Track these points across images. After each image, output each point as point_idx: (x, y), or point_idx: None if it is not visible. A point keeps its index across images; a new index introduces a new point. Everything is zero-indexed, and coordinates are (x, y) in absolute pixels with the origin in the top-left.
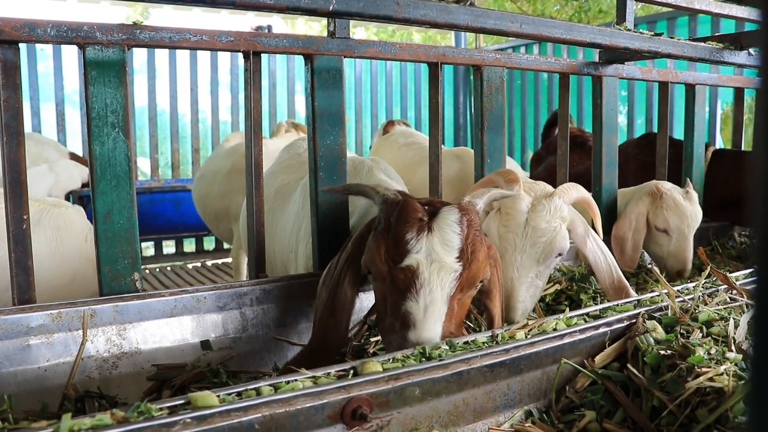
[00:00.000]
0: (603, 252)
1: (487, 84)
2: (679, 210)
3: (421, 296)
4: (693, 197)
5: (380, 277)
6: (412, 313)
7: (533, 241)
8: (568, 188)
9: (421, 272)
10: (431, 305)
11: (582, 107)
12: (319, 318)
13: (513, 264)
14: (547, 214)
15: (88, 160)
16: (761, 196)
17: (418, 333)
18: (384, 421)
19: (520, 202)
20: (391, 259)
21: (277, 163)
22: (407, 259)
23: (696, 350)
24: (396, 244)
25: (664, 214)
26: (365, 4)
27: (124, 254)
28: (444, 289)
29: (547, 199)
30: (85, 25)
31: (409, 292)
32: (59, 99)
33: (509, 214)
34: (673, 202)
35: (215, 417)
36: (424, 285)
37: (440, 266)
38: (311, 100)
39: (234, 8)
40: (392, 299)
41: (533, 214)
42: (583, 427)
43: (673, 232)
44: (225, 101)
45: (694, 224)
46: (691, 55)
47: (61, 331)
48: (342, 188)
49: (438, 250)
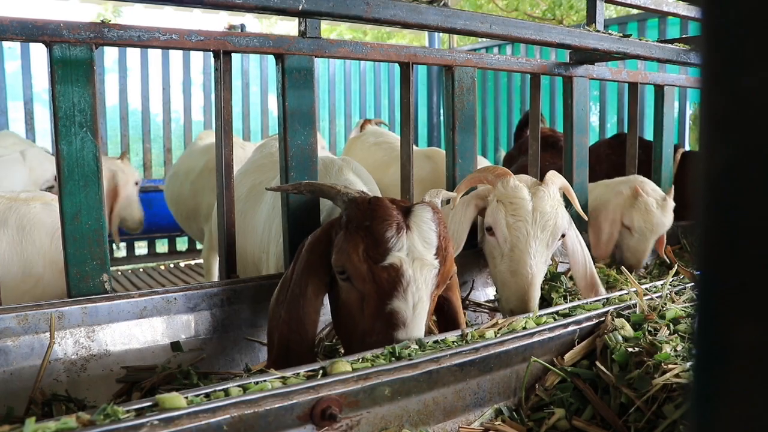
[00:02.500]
0: (581, 244)
1: (458, 84)
2: (648, 216)
3: (409, 295)
4: (667, 206)
5: (358, 277)
6: (400, 313)
7: (543, 225)
8: (555, 175)
9: (405, 270)
10: (419, 303)
11: (555, 107)
12: (279, 337)
13: (528, 252)
14: (549, 198)
15: (55, 160)
16: (704, 194)
17: (408, 332)
18: (354, 421)
19: (522, 190)
20: (371, 258)
21: (250, 162)
22: (390, 257)
23: (663, 347)
24: (376, 243)
25: (633, 213)
26: (335, 3)
27: (92, 255)
28: (428, 286)
29: (543, 185)
30: (51, 22)
31: (395, 290)
32: (28, 98)
33: (515, 203)
34: (645, 207)
35: (183, 419)
36: (411, 283)
37: (422, 264)
38: (282, 100)
39: (203, 7)
40: (374, 299)
41: (537, 199)
42: (552, 424)
43: (636, 232)
44: (198, 101)
45: (658, 231)
46: (659, 57)
47: (28, 334)
48: (292, 187)
49: (419, 248)
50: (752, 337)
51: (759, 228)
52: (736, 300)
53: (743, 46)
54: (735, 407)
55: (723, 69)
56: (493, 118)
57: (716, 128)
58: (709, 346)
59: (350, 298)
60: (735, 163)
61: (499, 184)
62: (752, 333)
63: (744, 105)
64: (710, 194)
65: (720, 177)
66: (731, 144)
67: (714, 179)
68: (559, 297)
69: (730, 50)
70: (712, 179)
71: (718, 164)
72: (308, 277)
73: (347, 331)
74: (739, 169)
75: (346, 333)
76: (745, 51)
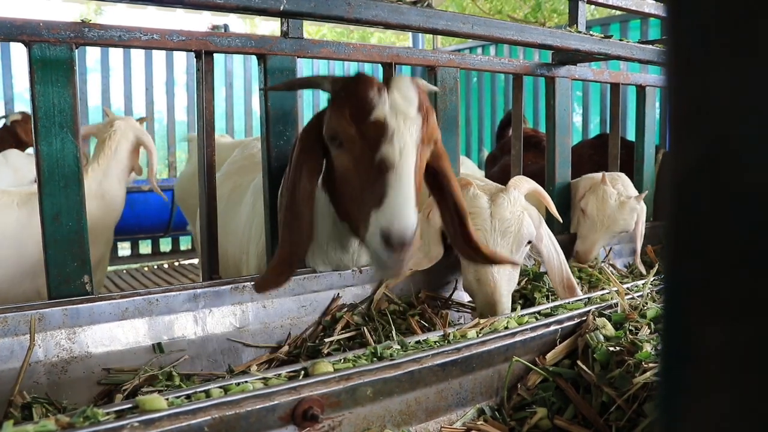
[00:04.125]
0: (556, 250)
1: (440, 84)
2: (602, 205)
3: (395, 141)
4: (627, 205)
5: (348, 138)
6: (388, 157)
7: (502, 232)
8: (519, 180)
9: (390, 122)
10: (405, 148)
11: (538, 108)
12: (283, 228)
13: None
14: (509, 204)
15: (35, 161)
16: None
17: (398, 174)
18: (336, 422)
19: (480, 199)
20: (357, 118)
21: (230, 163)
22: (374, 113)
23: (644, 346)
24: (360, 104)
25: (589, 198)
26: (316, 4)
27: (73, 257)
28: (412, 137)
29: (504, 192)
30: (31, 22)
31: (382, 139)
32: (8, 98)
33: (473, 212)
34: (603, 196)
35: (163, 420)
36: (395, 132)
37: (405, 116)
38: (265, 101)
39: (184, 7)
40: (365, 154)
41: (495, 207)
42: (534, 423)
43: (588, 218)
44: (181, 101)
45: (609, 225)
46: (640, 57)
47: (7, 336)
48: (284, 84)
49: (400, 104)
50: (718, 336)
51: (725, 228)
52: (702, 300)
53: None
54: (701, 407)
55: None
56: (477, 119)
57: (682, 129)
58: (675, 346)
59: (344, 164)
60: (700, 163)
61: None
62: (718, 333)
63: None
64: (677, 194)
65: (685, 177)
66: (696, 144)
67: (680, 179)
68: (541, 297)
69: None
70: (678, 179)
71: (684, 164)
72: (303, 160)
73: (348, 201)
74: (703, 169)
75: (348, 205)
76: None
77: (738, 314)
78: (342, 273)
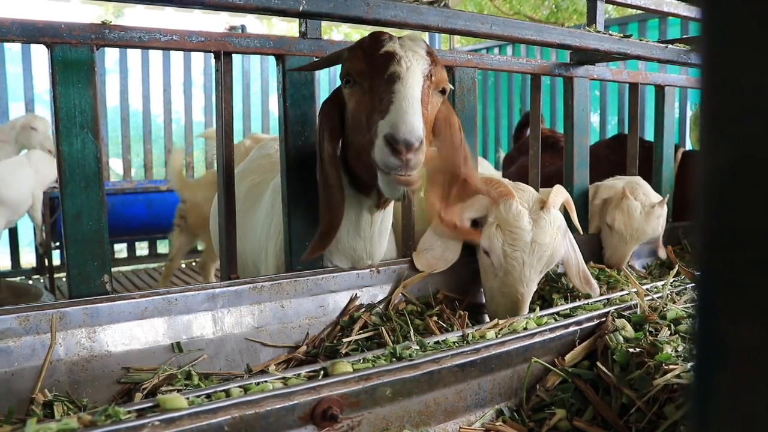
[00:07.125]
0: (574, 249)
1: (459, 85)
2: (629, 220)
3: (403, 62)
4: (653, 213)
5: (360, 73)
6: (395, 72)
7: (539, 256)
8: (557, 195)
9: (398, 53)
10: (411, 67)
11: (555, 108)
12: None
13: (522, 280)
14: (549, 227)
15: (56, 161)
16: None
17: (403, 83)
18: (355, 422)
19: (522, 219)
20: (369, 54)
21: (248, 161)
22: (384, 48)
23: (664, 348)
24: (372, 44)
25: (615, 213)
26: (335, 4)
27: (93, 256)
28: (419, 65)
29: (545, 212)
30: (52, 24)
31: (390, 63)
32: (29, 98)
33: (514, 233)
34: (628, 209)
35: (184, 419)
36: (403, 57)
37: (413, 52)
38: (283, 101)
39: (204, 8)
40: (375, 80)
41: (538, 230)
42: (553, 425)
43: (616, 233)
44: (199, 101)
45: (638, 236)
46: (660, 57)
47: (29, 335)
48: (310, 66)
49: (409, 44)
50: (750, 337)
51: (757, 228)
52: (734, 300)
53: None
54: (734, 407)
55: (723, 69)
56: (494, 119)
57: (716, 129)
58: (707, 347)
59: (356, 99)
60: (734, 164)
61: (501, 206)
62: (750, 333)
63: (743, 106)
64: (709, 194)
65: (719, 177)
66: (731, 144)
67: (713, 179)
68: (560, 297)
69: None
70: (711, 179)
71: (718, 164)
72: (324, 124)
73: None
74: (738, 170)
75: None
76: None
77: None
78: (360, 273)
